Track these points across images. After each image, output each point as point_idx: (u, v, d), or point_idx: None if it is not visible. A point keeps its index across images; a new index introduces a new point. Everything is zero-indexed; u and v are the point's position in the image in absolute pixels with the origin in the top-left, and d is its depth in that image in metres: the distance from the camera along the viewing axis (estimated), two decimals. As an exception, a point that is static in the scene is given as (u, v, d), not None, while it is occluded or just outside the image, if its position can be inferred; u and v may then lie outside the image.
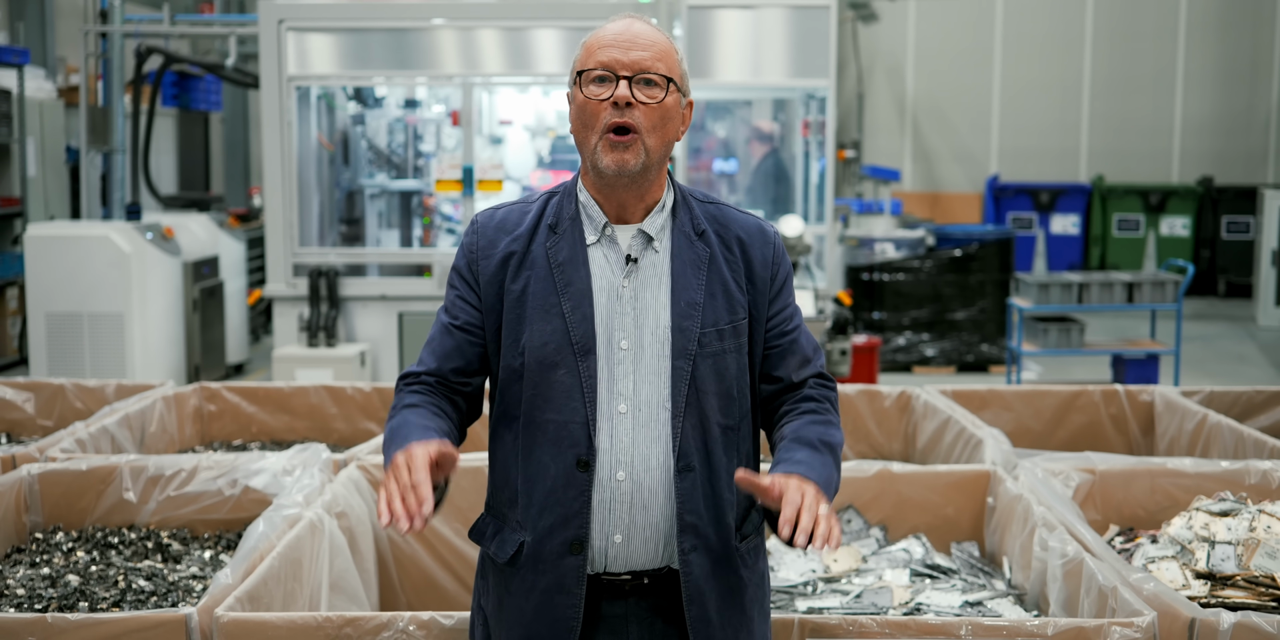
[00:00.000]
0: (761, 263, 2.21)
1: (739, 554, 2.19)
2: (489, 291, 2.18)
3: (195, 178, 11.54)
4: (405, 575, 3.50)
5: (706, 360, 2.14)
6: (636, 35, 2.12)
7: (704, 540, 2.14)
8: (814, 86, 7.77)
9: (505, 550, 2.16)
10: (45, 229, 7.78)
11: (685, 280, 2.15)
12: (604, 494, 2.11)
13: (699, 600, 2.14)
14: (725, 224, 2.22)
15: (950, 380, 9.52)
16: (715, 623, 2.16)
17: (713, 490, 2.15)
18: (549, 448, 2.12)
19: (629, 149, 2.09)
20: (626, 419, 2.12)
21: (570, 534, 2.11)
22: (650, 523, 2.13)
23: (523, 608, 2.15)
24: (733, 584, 2.18)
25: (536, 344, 2.12)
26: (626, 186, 2.14)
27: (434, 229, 8.04)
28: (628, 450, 2.12)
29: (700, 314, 2.14)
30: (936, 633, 2.53)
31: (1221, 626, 2.48)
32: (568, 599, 2.12)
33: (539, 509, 2.13)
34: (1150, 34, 14.91)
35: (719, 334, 2.15)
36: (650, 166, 2.12)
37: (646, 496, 2.12)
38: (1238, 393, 4.63)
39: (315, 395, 4.69)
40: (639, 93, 2.10)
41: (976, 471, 3.52)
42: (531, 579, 2.14)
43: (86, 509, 3.44)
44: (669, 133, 2.14)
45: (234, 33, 8.92)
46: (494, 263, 2.18)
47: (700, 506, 2.13)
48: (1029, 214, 14.37)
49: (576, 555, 2.11)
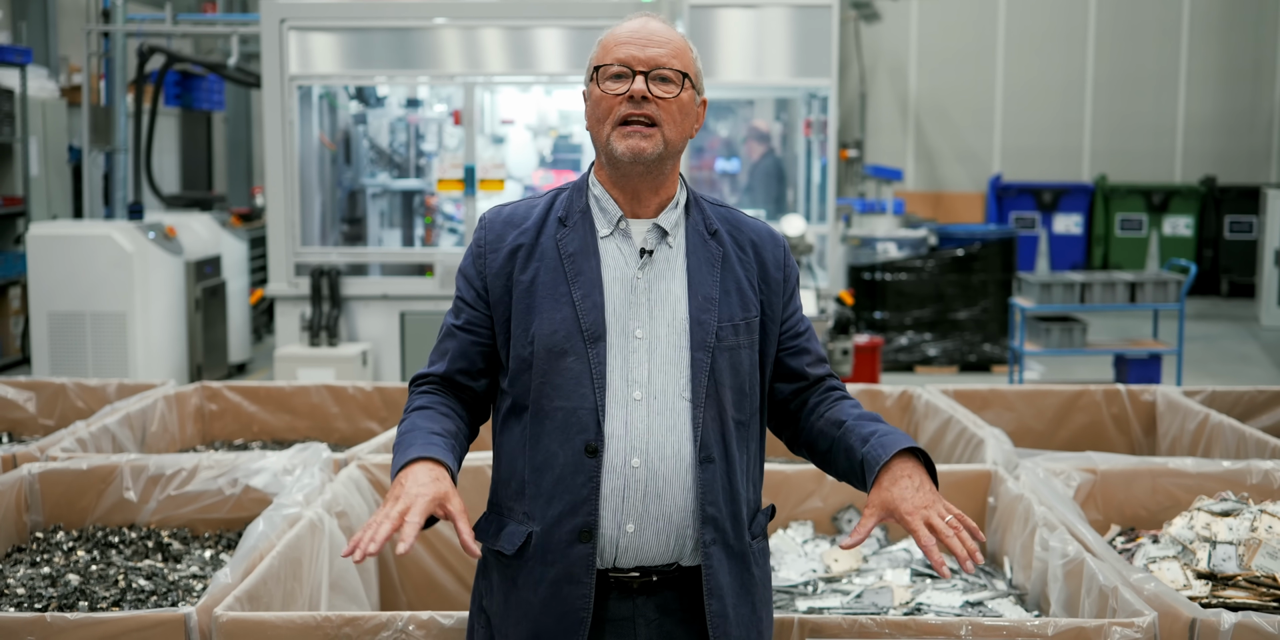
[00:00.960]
0: (774, 265, 2.26)
1: (752, 551, 2.20)
2: (497, 284, 2.20)
3: (197, 177, 11.54)
4: (406, 575, 3.50)
5: (723, 354, 2.16)
6: (653, 32, 2.15)
7: (723, 534, 2.15)
8: (816, 86, 7.76)
9: (513, 542, 2.15)
10: (47, 228, 7.78)
11: (701, 276, 2.18)
12: (617, 481, 2.11)
13: (719, 594, 2.14)
14: (738, 226, 2.26)
15: (952, 380, 9.51)
16: (732, 619, 2.15)
17: (730, 484, 2.16)
18: (557, 434, 2.12)
19: (647, 138, 2.12)
20: (642, 406, 2.12)
21: (579, 521, 2.10)
22: (664, 513, 2.12)
23: (530, 601, 2.13)
24: (746, 582, 2.19)
25: (546, 332, 2.13)
26: (641, 175, 2.16)
27: (436, 228, 8.04)
28: (643, 437, 2.12)
29: (717, 308, 2.17)
30: (937, 633, 2.53)
31: (1222, 627, 2.47)
32: (577, 589, 2.10)
33: (547, 497, 2.12)
34: (1153, 33, 14.89)
35: (734, 329, 2.18)
36: (666, 158, 2.15)
37: (661, 485, 2.11)
38: (1240, 393, 4.63)
39: (316, 395, 4.69)
40: (655, 88, 2.12)
41: (978, 471, 3.52)
42: (540, 570, 2.12)
43: (87, 508, 3.44)
44: (686, 127, 2.17)
45: (236, 32, 8.92)
46: (502, 255, 2.20)
47: (720, 499, 2.14)
48: (1031, 214, 14.37)
49: (586, 544, 2.10)
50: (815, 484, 3.53)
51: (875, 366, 8.20)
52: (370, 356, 7.54)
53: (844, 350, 7.74)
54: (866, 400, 4.56)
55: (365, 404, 4.69)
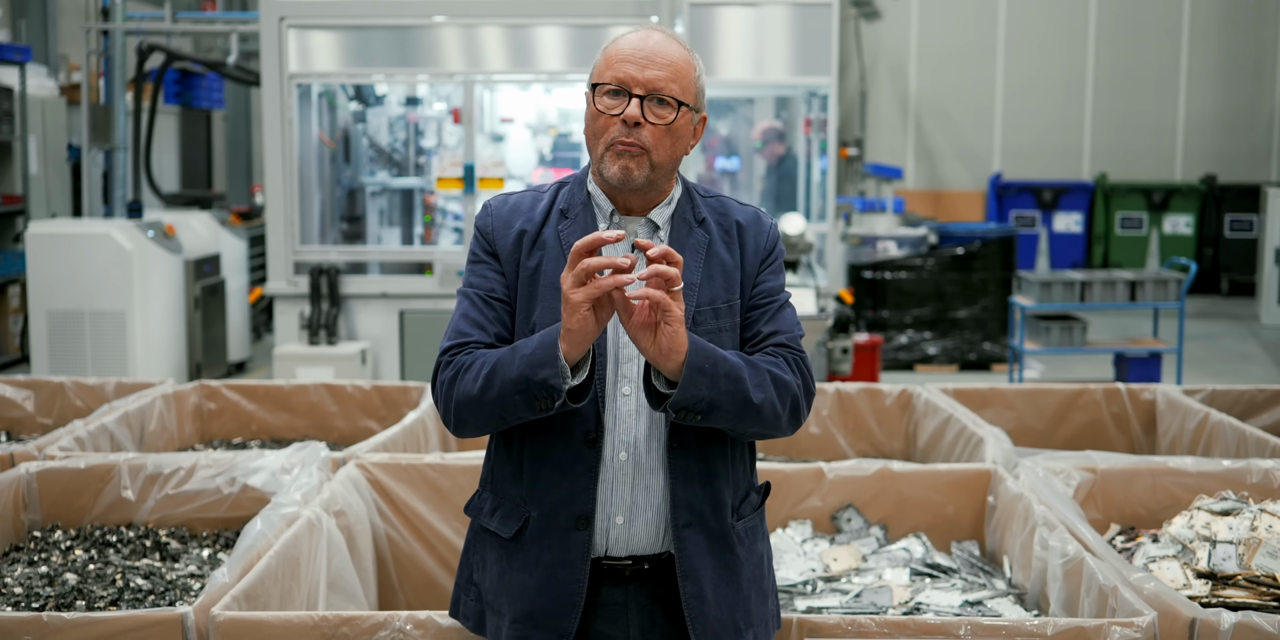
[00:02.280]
0: (754, 247, 2.25)
1: (735, 532, 2.21)
2: (508, 267, 2.21)
3: (197, 175, 11.53)
4: (404, 574, 3.50)
5: (702, 338, 2.14)
6: (655, 51, 2.12)
7: (699, 517, 2.16)
8: (816, 84, 7.75)
9: (510, 525, 2.18)
10: (47, 227, 7.78)
11: (683, 264, 2.16)
12: (608, 473, 2.14)
13: (694, 577, 2.16)
14: (724, 212, 2.27)
15: (952, 378, 9.50)
16: (710, 600, 2.17)
17: (707, 468, 2.17)
18: (557, 424, 2.14)
19: (635, 160, 2.11)
20: (630, 400, 2.15)
21: (577, 510, 2.13)
22: (652, 504, 2.15)
23: (525, 583, 2.16)
24: (729, 563, 2.20)
25: (547, 321, 2.14)
26: (631, 192, 2.18)
27: (435, 227, 8.03)
28: (630, 430, 2.15)
29: (696, 293, 2.17)
30: (936, 632, 2.53)
31: (1222, 626, 2.47)
32: (571, 574, 2.14)
33: (545, 485, 2.15)
34: (1153, 32, 14.88)
35: (714, 312, 2.19)
36: (656, 180, 2.16)
37: (648, 476, 2.15)
38: (1240, 391, 4.62)
39: (315, 393, 4.69)
40: (650, 112, 2.11)
41: (977, 470, 3.51)
42: (536, 554, 2.16)
43: (85, 507, 3.43)
44: (677, 150, 2.17)
45: (235, 30, 8.92)
46: (510, 240, 2.21)
47: (695, 483, 2.16)
48: (1032, 212, 14.36)
49: (583, 531, 2.14)
50: (814, 483, 3.53)
51: (875, 365, 8.20)
52: (369, 355, 7.53)
53: (844, 349, 7.73)
54: (866, 399, 4.56)
55: (364, 403, 4.68)
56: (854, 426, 4.54)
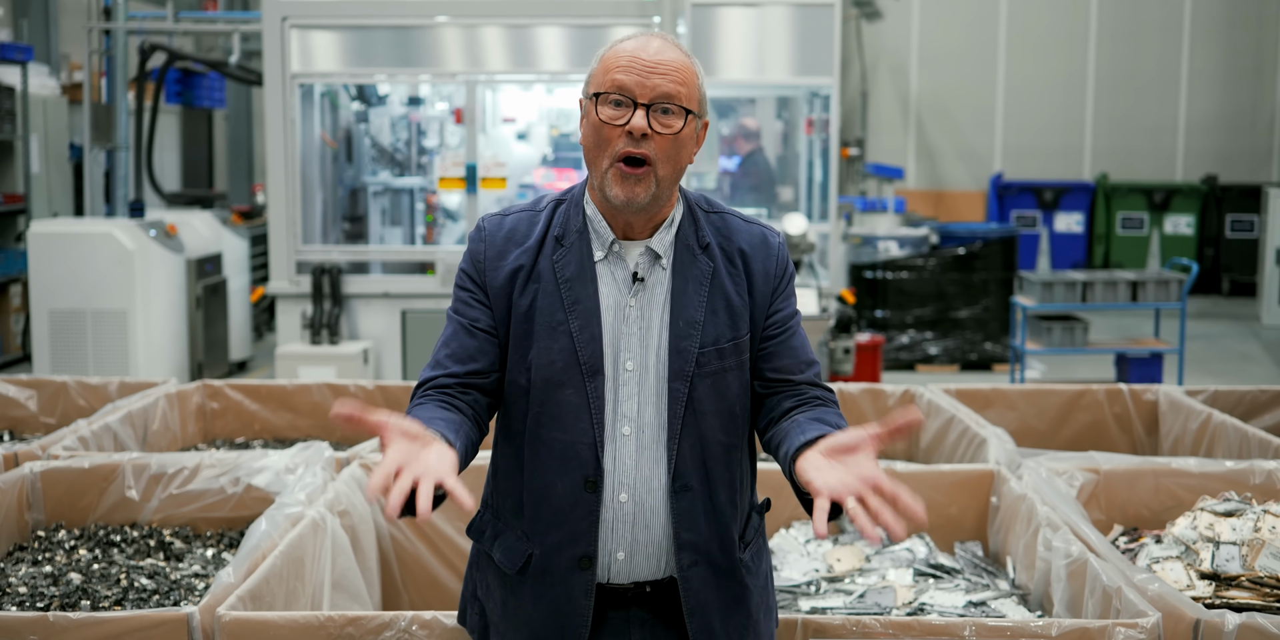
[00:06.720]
0: (763, 276, 2.15)
1: (742, 564, 2.18)
2: (498, 303, 2.12)
3: (199, 175, 11.54)
4: (408, 574, 3.50)
5: (705, 380, 2.09)
6: (656, 57, 2.02)
7: (704, 555, 2.12)
8: (818, 84, 7.75)
9: (513, 560, 2.14)
10: (48, 226, 7.78)
11: (686, 297, 2.10)
12: (608, 514, 2.09)
13: (701, 612, 2.13)
14: (729, 236, 2.16)
15: (954, 379, 9.51)
16: (718, 630, 2.15)
17: (712, 507, 2.12)
18: (555, 466, 2.09)
19: (640, 182, 2.02)
20: (630, 441, 2.09)
21: (579, 551, 2.09)
22: (652, 540, 2.11)
23: (530, 613, 2.14)
24: (736, 593, 2.17)
25: (543, 362, 2.07)
26: (634, 213, 2.08)
27: (437, 226, 8.04)
28: (630, 472, 2.09)
29: (699, 332, 2.09)
30: (940, 633, 2.53)
31: (1226, 627, 2.47)
32: (576, 608, 2.11)
33: (546, 525, 2.10)
34: (1155, 32, 14.88)
35: (719, 353, 2.10)
36: (660, 196, 2.06)
37: (649, 516, 2.10)
38: (1242, 392, 4.62)
39: (318, 393, 4.69)
40: (656, 122, 2.01)
41: (980, 471, 3.51)
42: (540, 589, 2.13)
43: (89, 507, 3.43)
44: (682, 161, 2.06)
45: (237, 30, 8.92)
46: (502, 275, 2.11)
47: (700, 524, 2.11)
48: (1033, 212, 14.36)
49: (585, 570, 2.10)
50: (818, 483, 3.52)
51: (876, 365, 8.20)
52: (371, 355, 7.54)
53: (845, 349, 7.73)
54: (868, 399, 4.56)
55: (367, 402, 4.68)
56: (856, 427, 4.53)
